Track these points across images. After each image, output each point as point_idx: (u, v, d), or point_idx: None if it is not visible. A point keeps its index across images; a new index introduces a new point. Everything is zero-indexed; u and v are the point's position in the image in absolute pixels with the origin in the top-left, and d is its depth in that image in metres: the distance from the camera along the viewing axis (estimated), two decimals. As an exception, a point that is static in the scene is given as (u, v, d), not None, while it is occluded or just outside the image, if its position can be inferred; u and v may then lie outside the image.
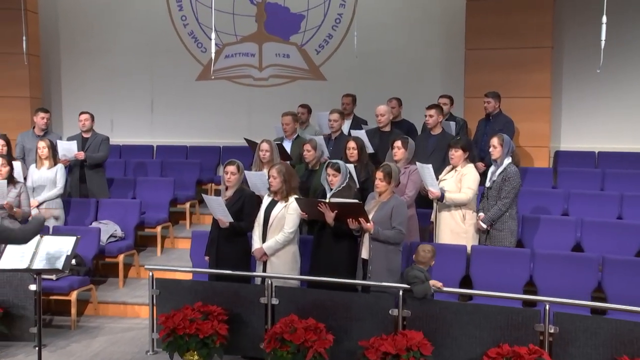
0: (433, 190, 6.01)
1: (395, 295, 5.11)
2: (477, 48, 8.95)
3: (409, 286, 5.06)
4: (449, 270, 5.65)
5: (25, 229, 4.50)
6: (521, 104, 8.65)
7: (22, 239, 4.51)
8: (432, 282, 5.09)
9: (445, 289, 5.12)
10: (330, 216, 5.47)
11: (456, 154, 6.15)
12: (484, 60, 8.90)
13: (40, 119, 8.03)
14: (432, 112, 7.21)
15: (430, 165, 6.04)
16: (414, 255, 5.23)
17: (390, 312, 5.08)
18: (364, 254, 5.52)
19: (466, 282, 5.93)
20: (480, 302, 5.26)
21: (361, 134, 7.17)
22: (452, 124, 7.84)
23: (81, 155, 7.79)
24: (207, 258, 6.07)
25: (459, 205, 6.07)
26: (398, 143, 6.34)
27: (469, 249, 6.00)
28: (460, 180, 6.09)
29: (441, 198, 6.01)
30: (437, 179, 6.16)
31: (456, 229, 6.10)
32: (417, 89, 9.74)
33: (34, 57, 10.29)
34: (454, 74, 9.59)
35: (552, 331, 4.75)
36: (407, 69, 10.10)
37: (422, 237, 6.38)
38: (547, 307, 4.78)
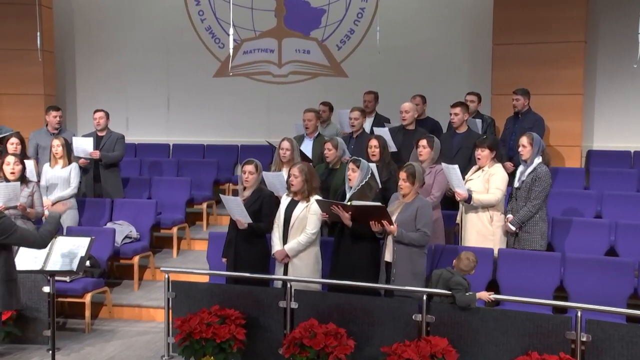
0: (460, 191, 5.98)
1: (419, 299, 5.09)
2: (506, 43, 8.89)
3: (435, 290, 5.04)
4: (475, 273, 5.58)
5: (43, 233, 4.55)
6: (552, 101, 8.57)
7: (42, 244, 4.57)
8: (480, 293, 5.06)
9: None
10: (345, 217, 5.47)
11: (483, 154, 6.11)
12: (512, 55, 8.83)
13: (52, 117, 8.12)
14: (458, 110, 7.17)
15: (456, 166, 6.01)
16: (454, 261, 5.19)
17: (413, 317, 5.06)
18: (387, 256, 5.51)
19: (493, 287, 5.88)
20: (508, 308, 5.22)
21: (384, 132, 7.16)
22: (479, 122, 7.80)
23: (96, 154, 7.87)
24: (224, 260, 6.10)
25: (486, 207, 6.03)
26: (424, 142, 6.32)
27: (496, 252, 5.96)
28: (487, 181, 6.05)
29: (468, 199, 5.97)
30: (463, 179, 6.12)
31: (483, 231, 6.06)
32: (442, 86, 9.70)
33: (48, 54, 10.42)
34: (480, 70, 9.54)
35: (584, 339, 4.70)
36: (432, 65, 10.06)
37: (448, 240, 6.35)
38: (579, 314, 4.73)
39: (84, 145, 7.84)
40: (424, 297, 5.05)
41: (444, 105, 7.76)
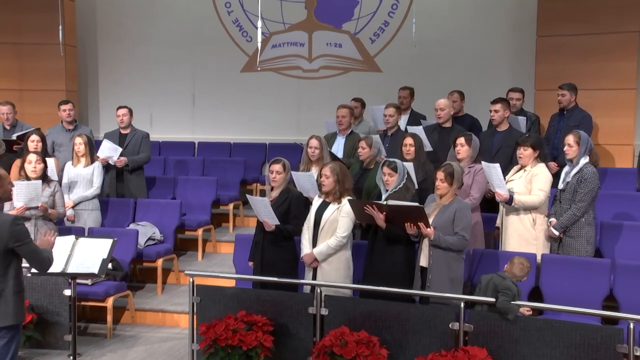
0: (501, 192, 5.93)
1: (456, 307, 5.06)
2: (551, 34, 8.79)
3: (473, 297, 5.00)
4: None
5: (49, 259, 4.57)
6: (601, 97, 8.45)
7: (46, 267, 4.59)
8: (523, 309, 5.01)
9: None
10: (379, 218, 5.47)
11: (525, 153, 6.05)
12: (558, 47, 8.72)
13: (62, 111, 8.20)
14: (498, 106, 7.11)
15: (497, 165, 5.96)
16: (506, 265, 5.15)
17: (450, 325, 5.03)
18: (423, 261, 5.49)
19: (535, 295, 5.83)
20: (552, 317, 5.15)
21: (418, 130, 7.13)
22: (522, 119, 7.72)
23: (121, 162, 7.95)
24: (251, 264, 6.14)
25: (528, 209, 5.97)
26: (461, 140, 6.29)
27: (539, 257, 5.90)
28: (530, 182, 5.99)
29: (509, 201, 5.92)
30: (505, 179, 6.07)
31: (525, 234, 6.00)
32: (482, 81, 9.63)
33: (71, 48, 10.59)
34: (523, 64, 9.45)
35: (638, 354, 4.60)
36: (471, 58, 9.99)
37: (487, 244, 6.30)
38: (632, 325, 4.63)
39: (111, 153, 7.93)
40: (462, 305, 5.01)
41: (484, 101, 7.70)
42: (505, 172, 6.20)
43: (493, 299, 4.96)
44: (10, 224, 4.32)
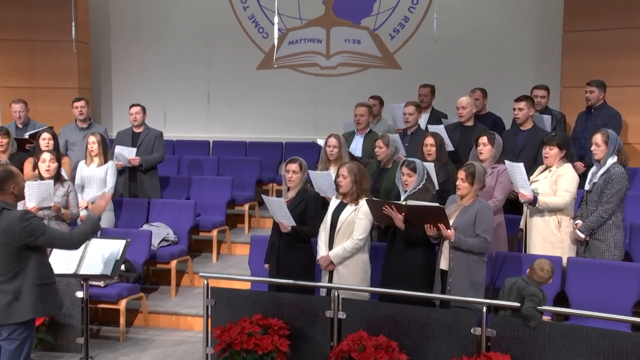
0: (524, 192, 5.90)
1: (478, 311, 5.04)
2: (578, 29, 8.71)
3: (496, 301, 4.97)
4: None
5: (77, 233, 4.63)
6: (631, 94, 8.36)
7: (74, 245, 4.65)
8: (545, 318, 4.99)
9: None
10: (398, 219, 5.46)
11: (551, 152, 6.01)
12: (585, 43, 8.64)
13: (74, 109, 8.27)
14: (522, 104, 7.07)
15: (521, 164, 5.93)
16: (527, 271, 5.11)
17: (472, 330, 5.00)
18: (443, 264, 5.48)
19: (561, 299, 5.79)
20: (578, 323, 5.10)
21: (440, 129, 7.11)
22: (548, 117, 7.66)
23: (136, 161, 8.01)
24: (267, 266, 6.16)
25: (553, 211, 5.93)
26: (484, 139, 6.26)
27: (564, 261, 5.86)
28: (555, 182, 5.95)
29: (533, 202, 5.89)
30: (529, 180, 6.03)
31: (550, 237, 5.96)
32: (505, 78, 9.59)
33: (83, 45, 10.67)
34: (549, 60, 9.38)
35: (671, 362, 4.56)
36: (494, 55, 9.95)
37: (511, 247, 6.27)
38: (663, 332, 4.59)
39: (124, 153, 7.99)
40: (484, 309, 4.99)
41: (507, 99, 7.67)
42: (529, 172, 6.16)
43: (517, 304, 4.93)
44: (19, 220, 4.35)
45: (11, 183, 4.50)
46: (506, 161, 6.08)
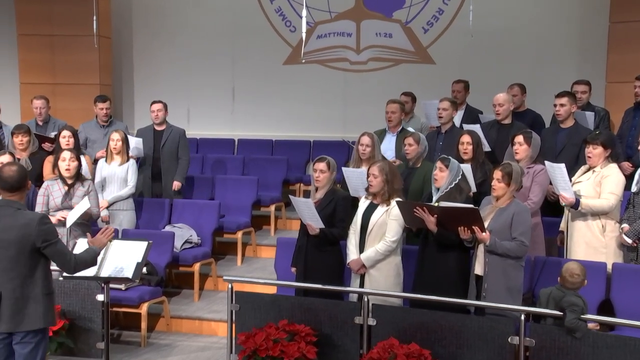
0: (566, 195, 5.84)
1: (515, 319, 5.01)
2: (625, 20, 8.62)
3: (536, 309, 4.94)
4: (584, 291, 5.45)
5: (79, 260, 4.68)
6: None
7: (73, 269, 4.71)
8: (591, 325, 4.93)
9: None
10: (430, 221, 5.44)
11: (595, 152, 5.95)
12: (633, 35, 8.54)
13: (99, 109, 8.37)
14: (564, 100, 7.00)
15: (562, 165, 5.88)
16: (559, 279, 5.08)
17: (509, 339, 4.98)
18: (478, 269, 5.46)
19: (605, 308, 5.73)
20: (625, 334, 5.04)
21: (475, 128, 7.07)
22: (590, 114, 7.59)
23: (178, 187, 8.20)
24: (293, 269, 6.18)
25: (597, 214, 5.87)
26: (519, 138, 6.22)
27: (609, 267, 5.80)
28: (599, 184, 5.89)
29: (576, 205, 5.83)
30: (570, 181, 5.98)
31: (594, 242, 5.90)
32: (545, 73, 9.51)
33: (105, 40, 10.79)
34: (593, 54, 9.29)
35: None
36: (533, 49, 9.87)
37: (549, 251, 6.22)
38: None
39: (139, 146, 8.09)
40: (522, 317, 4.96)
41: (548, 95, 7.60)
42: (570, 173, 6.11)
43: (559, 312, 4.89)
44: (37, 223, 4.43)
45: (28, 180, 4.63)
46: (546, 162, 6.03)
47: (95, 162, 7.85)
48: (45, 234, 4.44)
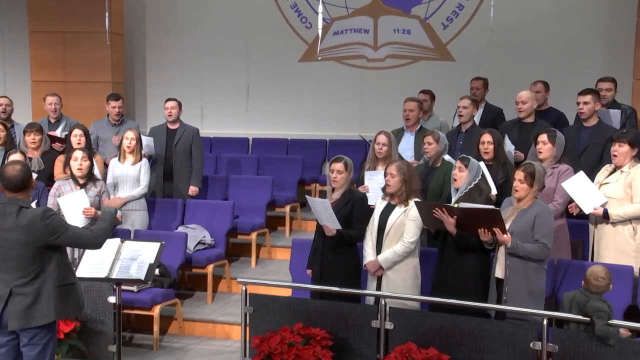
0: (596, 210, 5.80)
1: (538, 324, 4.98)
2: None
3: (559, 314, 4.91)
4: (610, 296, 5.41)
5: (97, 231, 4.70)
6: None
7: (97, 243, 4.73)
8: (623, 330, 4.90)
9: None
10: (450, 223, 5.43)
11: (621, 150, 5.91)
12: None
13: (111, 108, 8.40)
14: (588, 98, 6.95)
15: (581, 175, 5.83)
16: (582, 282, 5.05)
17: (531, 345, 4.94)
18: (499, 272, 5.43)
19: (633, 313, 5.68)
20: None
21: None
22: (616, 112, 7.52)
23: (195, 192, 8.23)
24: (309, 271, 6.17)
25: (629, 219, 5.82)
26: (543, 137, 6.19)
27: (637, 271, 5.75)
28: (629, 185, 5.84)
29: (604, 215, 5.79)
30: (593, 181, 5.94)
31: (623, 246, 5.85)
32: (569, 70, 9.47)
33: (117, 36, 10.84)
34: (619, 50, 9.23)
35: None
36: (557, 45, 9.81)
37: (574, 254, 6.17)
38: None
39: (150, 143, 8.11)
40: (545, 322, 4.92)
41: (571, 93, 7.55)
42: (594, 172, 6.06)
43: (584, 318, 4.84)
44: (41, 218, 4.43)
45: (32, 179, 4.64)
46: (564, 184, 5.94)
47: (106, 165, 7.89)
48: (51, 229, 4.44)
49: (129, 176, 7.59)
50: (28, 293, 4.44)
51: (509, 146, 6.88)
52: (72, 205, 6.58)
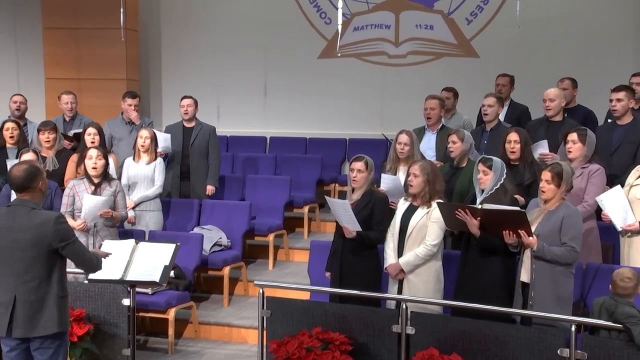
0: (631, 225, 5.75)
1: (565, 330, 4.93)
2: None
3: (587, 320, 4.87)
4: (637, 300, 5.37)
5: (98, 261, 4.75)
6: None
7: (94, 267, 4.77)
8: None
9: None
10: (473, 224, 5.40)
11: (656, 149, 5.85)
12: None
13: (127, 105, 8.41)
14: (621, 94, 6.87)
15: (618, 188, 5.77)
16: (610, 286, 5.00)
17: (558, 352, 4.90)
18: (524, 276, 5.40)
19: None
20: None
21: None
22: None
23: (212, 191, 8.24)
24: (328, 274, 6.16)
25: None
26: (573, 136, 6.14)
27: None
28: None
29: None
30: (625, 184, 5.88)
31: (657, 249, 5.80)
32: (598, 66, 9.40)
33: (132, 32, 10.90)
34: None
35: None
36: (586, 39, 9.75)
37: (605, 257, 6.12)
38: None
39: (166, 144, 8.13)
40: (573, 328, 4.88)
41: (601, 90, 7.51)
42: (626, 173, 6.00)
43: (615, 324, 4.79)
44: (54, 222, 4.45)
45: (39, 180, 4.60)
46: (597, 198, 5.89)
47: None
48: (62, 234, 4.47)
49: (144, 176, 7.62)
50: (32, 301, 4.47)
51: (542, 148, 6.79)
52: (93, 206, 6.62)
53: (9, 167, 6.69)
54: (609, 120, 7.31)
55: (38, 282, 4.47)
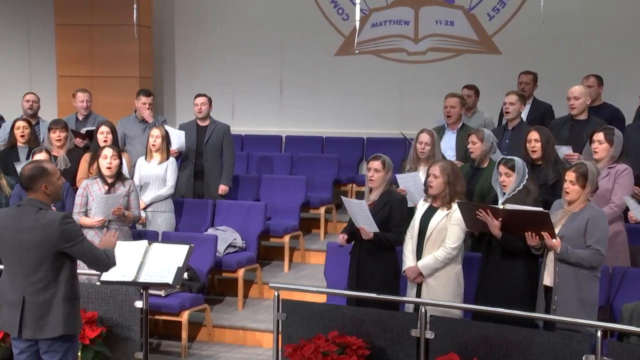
0: None
1: (590, 336, 4.89)
2: None
3: (613, 325, 4.82)
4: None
5: (109, 255, 4.73)
6: None
7: (106, 266, 4.75)
8: None
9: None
10: (494, 226, 5.36)
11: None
12: None
13: (141, 104, 8.42)
14: (651, 91, 6.83)
15: None
16: None
17: (584, 358, 4.85)
18: (547, 279, 5.37)
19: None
20: None
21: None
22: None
23: (225, 190, 8.26)
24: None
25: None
26: (599, 136, 6.08)
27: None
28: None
29: None
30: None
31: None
32: (625, 63, 9.34)
33: (145, 29, 10.94)
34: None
35: None
36: (612, 36, 9.69)
37: (634, 261, 6.06)
38: None
39: (179, 142, 8.14)
40: (598, 333, 4.83)
41: (628, 87, 7.44)
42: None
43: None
44: (59, 223, 4.44)
45: (42, 182, 4.56)
46: (625, 197, 5.84)
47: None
48: (68, 235, 4.45)
49: (155, 176, 7.63)
50: (40, 303, 4.48)
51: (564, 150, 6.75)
52: (104, 202, 6.64)
53: (17, 168, 6.74)
54: (640, 118, 7.26)
55: (45, 283, 4.48)
